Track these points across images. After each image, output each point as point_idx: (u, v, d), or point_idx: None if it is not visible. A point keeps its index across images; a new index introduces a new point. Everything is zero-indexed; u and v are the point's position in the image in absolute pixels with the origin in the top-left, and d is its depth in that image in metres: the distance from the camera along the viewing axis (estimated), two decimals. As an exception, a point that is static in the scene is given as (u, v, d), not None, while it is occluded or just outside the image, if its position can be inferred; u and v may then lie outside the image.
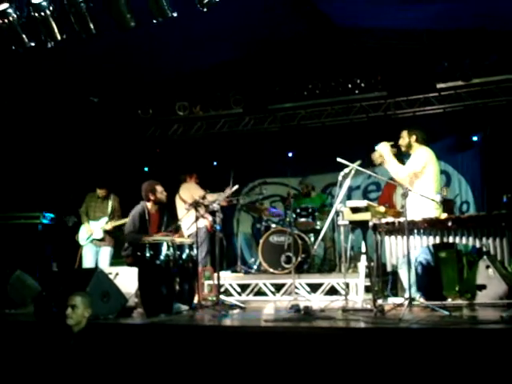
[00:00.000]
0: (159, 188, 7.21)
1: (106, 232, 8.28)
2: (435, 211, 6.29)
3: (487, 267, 6.71)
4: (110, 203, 8.42)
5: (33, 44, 6.46)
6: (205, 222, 7.88)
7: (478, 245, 5.69)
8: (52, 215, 9.77)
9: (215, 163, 11.38)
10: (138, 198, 7.25)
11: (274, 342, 4.86)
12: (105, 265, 8.10)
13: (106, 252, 8.34)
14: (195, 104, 10.70)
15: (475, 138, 9.85)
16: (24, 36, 6.39)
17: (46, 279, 7.09)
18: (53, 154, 10.19)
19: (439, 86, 9.53)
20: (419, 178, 6.47)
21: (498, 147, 9.42)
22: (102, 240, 8.32)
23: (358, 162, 6.50)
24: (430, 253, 6.44)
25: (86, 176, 8.68)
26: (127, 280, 6.69)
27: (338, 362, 4.56)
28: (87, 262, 8.30)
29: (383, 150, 6.60)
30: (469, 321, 5.33)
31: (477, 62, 8.93)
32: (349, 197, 9.34)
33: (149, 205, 7.12)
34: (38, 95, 9.17)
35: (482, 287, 6.72)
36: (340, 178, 6.58)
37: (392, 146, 6.61)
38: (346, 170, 6.54)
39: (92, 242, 8.32)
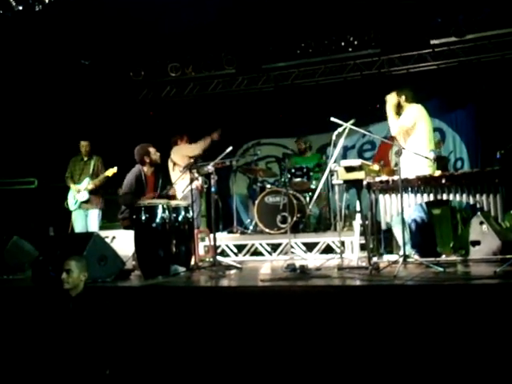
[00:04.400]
0: (152, 149, 7.23)
1: (91, 193, 8.28)
2: (429, 168, 6.31)
3: (481, 223, 6.76)
4: (92, 163, 8.43)
5: (20, 8, 6.38)
6: (195, 183, 7.87)
7: (471, 201, 5.72)
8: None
9: (208, 123, 11.32)
10: (131, 161, 7.25)
11: (270, 302, 4.92)
12: (94, 228, 8.15)
13: (95, 215, 8.38)
14: (187, 65, 10.60)
15: (470, 96, 9.80)
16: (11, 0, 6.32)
17: (42, 244, 7.11)
18: (45, 118, 10.13)
19: (433, 42, 9.45)
20: (411, 135, 6.48)
21: (492, 104, 9.40)
22: (88, 202, 8.33)
23: (352, 121, 6.49)
24: (424, 210, 6.48)
25: (78, 141, 8.61)
26: (124, 243, 6.71)
27: (333, 320, 4.62)
28: (78, 227, 8.34)
29: (388, 101, 6.62)
30: (463, 277, 5.39)
31: (470, 17, 8.85)
32: (344, 156, 9.33)
33: (144, 168, 7.15)
34: (28, 60, 9.07)
35: (476, 243, 6.77)
36: (334, 137, 6.60)
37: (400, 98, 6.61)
38: (340, 130, 6.53)
39: (80, 206, 8.34)
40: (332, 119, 6.37)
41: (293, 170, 8.70)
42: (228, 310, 4.96)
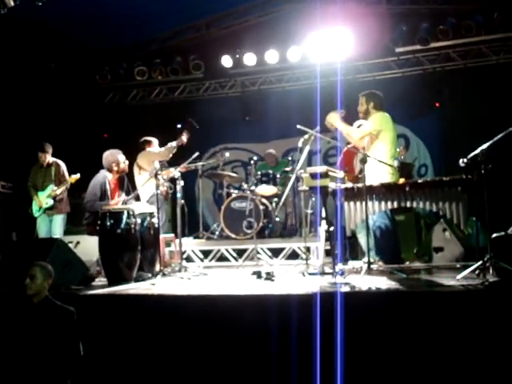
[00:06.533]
0: (122, 158, 7.21)
1: (55, 199, 8.18)
2: (392, 176, 6.39)
3: (444, 230, 6.88)
4: (53, 169, 8.31)
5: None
6: (160, 189, 7.81)
7: (434, 209, 5.82)
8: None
9: (177, 126, 11.27)
10: (97, 165, 7.19)
11: (236, 309, 4.92)
12: (58, 233, 8.04)
13: (58, 220, 8.26)
14: (154, 69, 10.55)
15: (434, 103, 9.96)
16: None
17: (5, 249, 6.99)
18: (8, 120, 9.97)
19: (398, 50, 9.57)
20: (374, 142, 6.55)
21: (456, 111, 9.55)
22: (52, 208, 8.22)
23: (317, 129, 6.56)
24: (388, 217, 6.55)
25: (42, 144, 8.49)
26: (88, 249, 6.63)
27: (300, 327, 4.65)
28: (42, 233, 8.23)
29: (332, 120, 6.68)
30: (426, 283, 5.46)
31: (434, 26, 8.99)
32: (309, 161, 9.38)
33: (109, 174, 7.10)
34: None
35: (439, 249, 6.89)
36: (300, 144, 6.64)
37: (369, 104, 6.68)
38: (306, 137, 6.59)
39: (44, 212, 8.23)
40: (299, 127, 6.42)
41: (259, 176, 8.71)
42: (194, 318, 4.95)
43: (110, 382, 4.93)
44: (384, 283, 5.30)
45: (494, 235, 5.46)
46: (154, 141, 8.21)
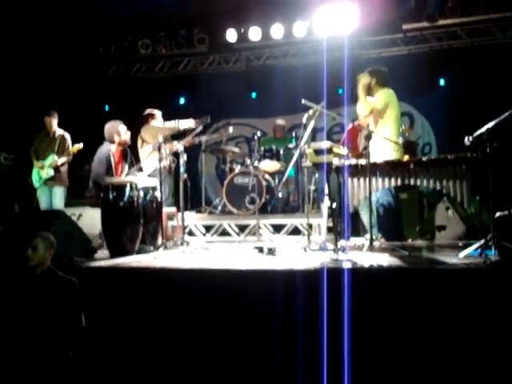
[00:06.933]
0: (123, 129, 7.16)
1: (56, 170, 8.17)
2: (396, 153, 6.36)
3: (447, 209, 6.87)
4: (58, 139, 8.31)
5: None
6: (164, 163, 7.77)
7: (438, 187, 5.80)
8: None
9: (180, 102, 11.23)
10: (99, 138, 7.16)
11: (238, 284, 4.93)
12: (59, 205, 8.05)
13: (59, 192, 8.27)
14: (158, 42, 10.47)
15: (440, 81, 9.91)
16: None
17: (8, 220, 7.00)
18: (11, 91, 9.93)
19: (405, 27, 9.48)
20: (380, 119, 6.52)
21: (461, 90, 9.48)
22: (53, 179, 8.22)
23: (323, 104, 6.51)
24: (391, 194, 6.54)
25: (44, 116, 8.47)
26: (90, 221, 6.67)
27: (300, 302, 4.66)
28: (42, 204, 8.24)
29: (360, 81, 6.64)
30: (427, 261, 5.46)
31: (442, 3, 8.90)
32: (313, 138, 9.35)
33: (113, 146, 7.07)
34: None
35: (442, 228, 6.88)
36: (304, 119, 6.61)
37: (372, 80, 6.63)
38: (311, 112, 6.55)
39: (45, 183, 8.22)
40: (304, 102, 6.37)
41: (262, 152, 8.68)
42: (194, 292, 4.96)
43: (110, 353, 4.96)
44: (386, 260, 5.30)
45: (498, 214, 5.45)
46: (158, 113, 8.16)
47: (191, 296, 4.94)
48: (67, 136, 8.39)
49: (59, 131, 8.41)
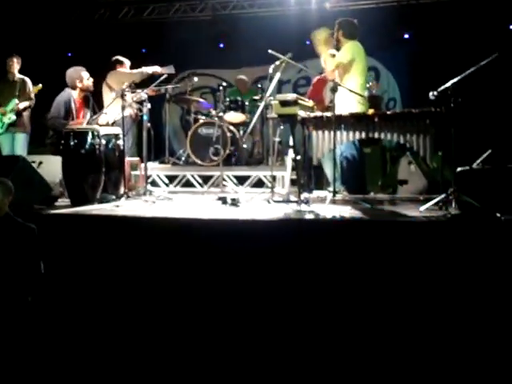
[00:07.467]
0: (85, 74, 7.02)
1: (18, 115, 8.00)
2: (361, 106, 6.36)
3: (409, 163, 6.94)
4: (19, 85, 8.10)
5: None
6: (129, 111, 7.65)
7: (402, 141, 5.85)
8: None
9: (144, 50, 11.01)
10: (61, 85, 7.00)
11: (200, 233, 4.93)
12: (21, 152, 7.88)
13: (21, 139, 8.09)
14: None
15: (406, 36, 9.89)
16: None
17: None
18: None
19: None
20: (346, 72, 6.48)
21: (426, 45, 9.48)
22: (15, 125, 8.05)
23: (289, 55, 6.45)
24: (356, 148, 6.57)
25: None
26: (51, 169, 6.51)
27: (263, 252, 4.68)
28: (4, 151, 8.07)
29: (316, 37, 6.57)
30: (389, 214, 5.52)
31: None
32: (279, 90, 9.26)
33: (75, 92, 6.93)
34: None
35: (404, 182, 6.96)
36: (270, 70, 6.54)
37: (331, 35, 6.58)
38: (277, 63, 6.48)
39: (7, 129, 8.05)
40: (270, 52, 6.30)
41: (227, 103, 8.58)
42: (156, 241, 4.95)
43: (69, 301, 4.93)
44: (348, 212, 5.35)
45: (459, 169, 5.51)
46: (126, 62, 8.03)
47: (152, 244, 4.92)
48: (27, 80, 8.18)
49: (19, 76, 8.20)
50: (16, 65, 8.15)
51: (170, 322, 4.72)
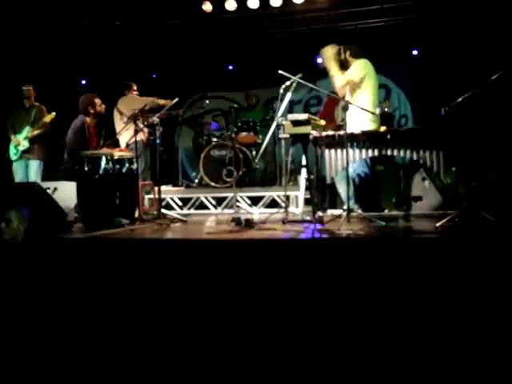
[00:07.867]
0: (98, 101, 7.08)
1: (32, 142, 8.09)
2: (374, 124, 6.36)
3: (423, 179, 6.91)
4: (34, 111, 8.23)
5: None
6: (141, 136, 7.71)
7: (415, 157, 5.83)
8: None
9: (154, 75, 11.11)
10: (75, 112, 7.08)
11: (215, 254, 4.92)
12: (35, 178, 7.99)
13: (35, 166, 8.21)
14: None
15: (415, 52, 9.93)
16: None
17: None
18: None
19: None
20: (357, 90, 6.51)
21: (436, 62, 9.50)
22: (29, 152, 8.14)
23: (300, 75, 6.47)
24: (368, 166, 6.56)
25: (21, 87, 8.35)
26: (66, 194, 6.57)
27: (279, 272, 4.67)
28: (18, 178, 8.17)
29: (325, 54, 6.60)
30: (404, 231, 5.49)
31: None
32: (290, 111, 9.33)
33: (88, 119, 7.00)
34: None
35: (418, 199, 6.92)
36: (281, 90, 6.56)
37: (339, 52, 6.61)
38: (288, 83, 6.51)
39: (22, 156, 8.13)
40: (280, 72, 6.33)
41: (239, 124, 8.63)
42: (173, 263, 4.94)
43: (88, 324, 4.93)
44: (363, 230, 5.33)
45: (474, 184, 5.49)
46: (133, 85, 8.09)
47: (170, 266, 4.92)
48: (43, 107, 8.30)
49: (35, 103, 8.33)
50: (32, 92, 8.28)
51: (185, 344, 4.70)
